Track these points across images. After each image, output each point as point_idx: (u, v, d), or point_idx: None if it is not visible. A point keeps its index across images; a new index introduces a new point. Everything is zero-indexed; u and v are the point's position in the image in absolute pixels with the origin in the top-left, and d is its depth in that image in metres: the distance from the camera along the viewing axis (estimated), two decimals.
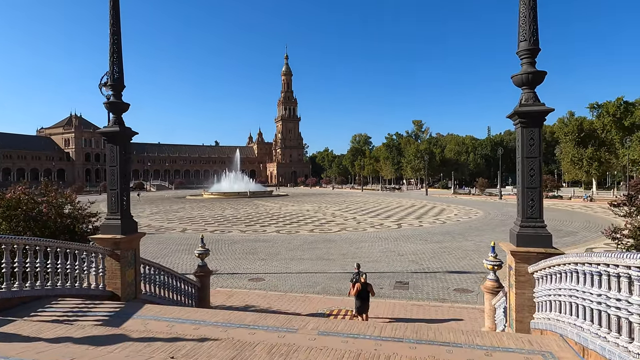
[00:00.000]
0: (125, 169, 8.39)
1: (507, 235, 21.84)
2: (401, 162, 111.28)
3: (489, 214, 38.77)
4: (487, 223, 32.18)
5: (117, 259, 8.07)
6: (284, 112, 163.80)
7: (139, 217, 39.89)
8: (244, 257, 19.92)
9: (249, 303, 12.54)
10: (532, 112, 6.09)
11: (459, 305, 12.18)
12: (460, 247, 21.91)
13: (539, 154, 6.15)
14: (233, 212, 43.73)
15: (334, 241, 24.27)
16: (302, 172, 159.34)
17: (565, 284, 4.74)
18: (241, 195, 76.43)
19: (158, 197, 78.09)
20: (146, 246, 23.36)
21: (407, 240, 24.41)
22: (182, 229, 30.71)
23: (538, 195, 6.18)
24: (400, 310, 11.73)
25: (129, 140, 8.70)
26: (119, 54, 8.42)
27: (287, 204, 56.87)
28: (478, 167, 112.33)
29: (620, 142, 67.39)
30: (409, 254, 20.23)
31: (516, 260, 6.18)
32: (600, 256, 3.73)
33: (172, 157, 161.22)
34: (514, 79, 6.39)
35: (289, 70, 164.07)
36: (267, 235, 27.18)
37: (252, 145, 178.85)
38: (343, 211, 43.69)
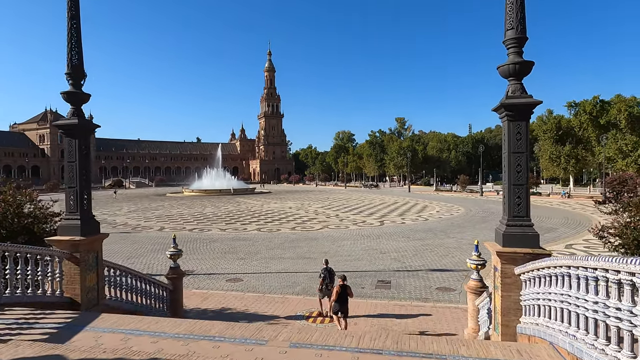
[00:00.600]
0: (85, 165, 7.74)
1: (489, 232, 21.93)
2: (384, 159, 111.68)
3: (470, 211, 38.99)
4: (468, 220, 32.28)
5: (76, 263, 7.44)
6: (267, 109, 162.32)
7: (115, 215, 38.73)
8: (223, 257, 19.30)
9: (225, 305, 12.00)
10: (519, 105, 5.75)
11: (441, 305, 11.91)
12: (442, 244, 21.78)
13: (526, 149, 5.83)
14: (214, 210, 42.84)
15: (315, 239, 23.84)
16: (285, 169, 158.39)
17: (556, 288, 4.41)
18: (223, 193, 75.26)
19: (137, 195, 76.24)
20: (121, 246, 22.55)
21: (390, 237, 24.18)
22: (160, 227, 29.79)
23: (525, 193, 5.86)
24: (382, 310, 11.38)
25: (89, 134, 8.05)
26: (78, 40, 7.74)
27: (269, 201, 56.17)
28: (459, 164, 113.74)
29: (596, 139, 68.97)
30: (391, 251, 19.96)
31: (502, 261, 5.85)
32: (598, 260, 3.38)
33: (152, 153, 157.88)
34: (500, 69, 6.03)
35: (271, 67, 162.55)
36: (248, 233, 26.56)
37: (234, 142, 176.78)
38: (326, 208, 43.31)
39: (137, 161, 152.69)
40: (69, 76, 7.73)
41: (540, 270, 4.93)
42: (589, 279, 3.63)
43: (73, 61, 7.68)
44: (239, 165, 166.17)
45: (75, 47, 7.70)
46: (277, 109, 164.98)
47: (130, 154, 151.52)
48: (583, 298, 3.72)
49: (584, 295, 3.72)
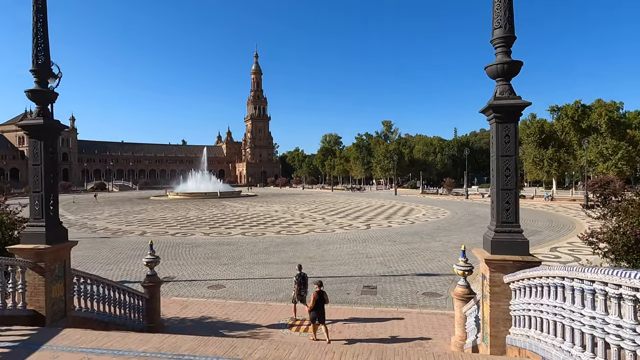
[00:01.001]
0: (51, 168, 7.25)
1: (475, 235, 21.79)
2: (371, 162, 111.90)
3: (456, 214, 39.10)
4: (454, 223, 32.31)
5: (40, 273, 6.94)
6: (254, 111, 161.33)
7: (95, 219, 37.70)
8: (205, 262, 18.77)
9: (206, 314, 11.54)
10: (508, 106, 5.53)
11: (428, 311, 11.67)
12: (429, 248, 21.64)
13: (515, 152, 5.61)
14: (198, 214, 42.08)
15: (301, 243, 23.46)
16: (272, 172, 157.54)
17: (549, 299, 4.16)
18: (208, 196, 74.25)
19: (119, 198, 74.63)
20: (99, 251, 21.83)
21: (376, 241, 23.95)
22: (141, 232, 29.02)
23: (514, 198, 5.63)
24: (368, 320, 11.07)
25: (56, 135, 7.56)
26: (45, 35, 7.29)
27: (255, 204, 55.55)
28: (445, 167, 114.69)
29: (578, 143, 70.29)
30: (377, 255, 19.72)
31: (491, 269, 5.61)
32: (596, 272, 3.14)
33: (136, 156, 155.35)
34: (488, 69, 5.81)
35: (258, 69, 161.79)
36: (232, 237, 26.03)
37: (220, 145, 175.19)
38: (312, 212, 42.95)
39: (120, 164, 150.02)
40: (35, 73, 7.27)
41: (531, 279, 4.69)
42: (585, 291, 3.39)
43: (39, 57, 7.23)
44: (225, 168, 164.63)
45: (41, 43, 7.25)
46: (263, 111, 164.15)
47: (113, 156, 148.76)
48: (579, 312, 3.47)
49: (579, 309, 3.47)
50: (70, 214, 44.11)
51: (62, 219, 33.36)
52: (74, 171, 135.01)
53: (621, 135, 67.90)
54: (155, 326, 10.19)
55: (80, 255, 20.82)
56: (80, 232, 29.71)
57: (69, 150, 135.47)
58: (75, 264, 18.60)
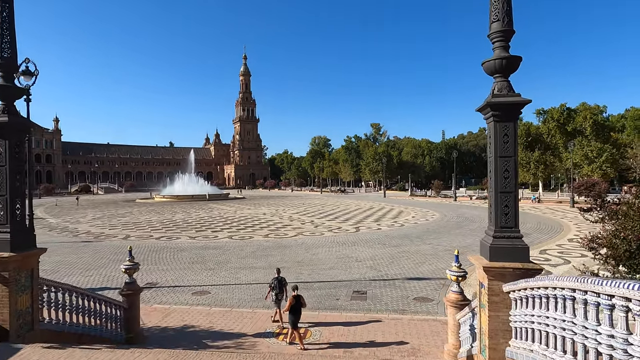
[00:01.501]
0: (18, 169, 6.73)
1: (464, 237, 21.57)
2: (360, 165, 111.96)
3: (445, 216, 39.06)
4: (443, 225, 32.19)
5: (4, 283, 6.40)
6: (242, 113, 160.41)
7: (77, 223, 36.67)
8: (190, 267, 18.19)
9: (188, 323, 11.02)
10: (507, 104, 5.22)
11: (419, 317, 11.33)
12: (419, 251, 21.39)
13: (515, 153, 5.30)
14: (184, 217, 41.27)
15: (289, 247, 23.01)
16: (260, 175, 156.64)
17: (557, 313, 3.83)
18: (195, 199, 73.26)
19: (104, 201, 73.12)
20: (79, 256, 21.09)
21: (365, 244, 23.63)
22: (125, 235, 28.21)
23: (513, 201, 5.32)
24: (357, 326, 10.70)
25: (24, 134, 7.04)
26: (11, 28, 6.76)
27: (243, 207, 54.86)
28: (434, 170, 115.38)
29: (563, 146, 71.24)
30: (367, 259, 19.38)
31: (489, 277, 5.27)
32: (617, 286, 2.80)
33: (122, 158, 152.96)
34: (485, 65, 5.49)
35: (247, 71, 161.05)
36: (218, 241, 25.43)
37: (209, 147, 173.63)
38: (301, 214, 42.50)
39: (106, 166, 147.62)
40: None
41: (535, 290, 4.36)
42: (602, 305, 3.06)
43: (4, 50, 6.68)
44: (213, 170, 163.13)
45: (7, 35, 6.71)
46: (252, 113, 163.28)
47: (99, 158, 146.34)
48: (594, 329, 3.14)
49: (595, 326, 3.14)
50: (52, 217, 42.89)
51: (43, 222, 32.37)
52: (57, 173, 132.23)
53: (605, 138, 69.07)
54: (135, 336, 9.66)
55: (60, 260, 20.09)
56: (61, 236, 28.79)
57: (53, 152, 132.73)
58: (54, 270, 17.94)
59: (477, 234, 27.07)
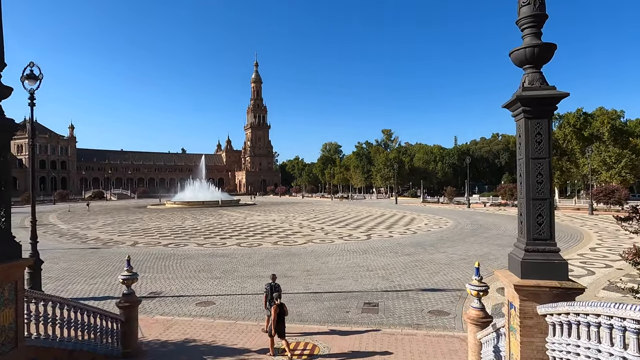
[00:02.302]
0: (2, 174, 6.26)
1: (480, 246, 20.50)
2: (371, 171, 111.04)
3: (459, 223, 38.01)
4: (458, 233, 31.22)
5: None
6: (254, 120, 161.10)
7: (88, 229, 36.61)
8: (196, 276, 17.68)
9: (190, 336, 10.45)
10: (541, 98, 4.56)
11: (435, 333, 10.57)
12: (433, 260, 20.56)
13: (549, 154, 4.62)
14: (193, 223, 40.98)
15: (298, 255, 22.38)
16: (271, 181, 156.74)
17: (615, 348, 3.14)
18: (206, 205, 73.24)
19: (116, 207, 73.55)
20: (86, 263, 20.78)
21: (377, 252, 22.87)
22: (133, 242, 27.91)
23: (548, 209, 4.63)
24: (369, 342, 10.00)
25: (9, 136, 6.57)
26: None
27: (253, 213, 54.47)
28: (446, 176, 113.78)
29: (580, 151, 69.38)
30: (378, 268, 18.64)
31: (521, 297, 4.58)
32: None
33: (135, 164, 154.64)
34: (514, 55, 4.85)
35: (258, 78, 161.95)
36: (226, 248, 24.93)
37: (220, 153, 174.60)
38: (311, 221, 41.87)
39: (120, 172, 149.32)
40: None
41: (580, 316, 3.67)
42: None
43: None
44: (224, 177, 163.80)
45: None
46: (263, 120, 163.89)
47: (113, 164, 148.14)
48: None
49: None
50: (63, 223, 43.02)
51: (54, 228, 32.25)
52: (72, 179, 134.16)
53: (624, 143, 67.07)
54: (132, 351, 9.14)
55: (66, 267, 19.82)
56: (70, 242, 28.66)
57: (68, 159, 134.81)
58: (59, 277, 17.61)
59: (493, 242, 26.10)
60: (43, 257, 22.40)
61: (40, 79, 14.07)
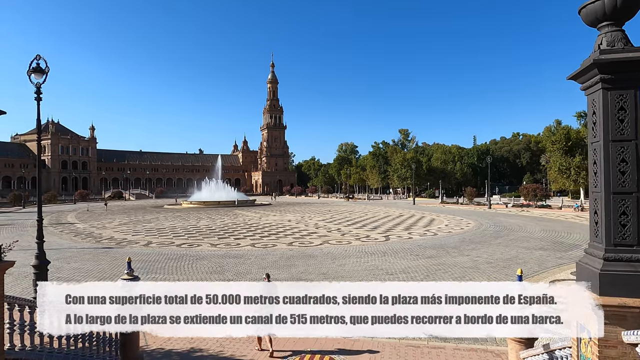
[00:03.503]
0: None
1: (507, 249, 18.98)
2: (388, 171, 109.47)
3: (482, 225, 36.50)
4: (481, 235, 29.83)
5: None
6: (270, 120, 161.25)
7: (103, 228, 36.57)
8: (207, 278, 16.98)
9: (196, 345, 9.66)
10: (626, 63, 3.52)
11: (465, 346, 9.51)
12: (457, 263, 19.37)
13: (635, 135, 3.59)
14: (208, 223, 40.55)
15: (314, 257, 21.49)
16: (287, 181, 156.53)
17: None
18: (222, 205, 73.15)
19: (134, 207, 74.16)
20: (96, 264, 20.35)
21: (396, 255, 21.79)
22: (147, 242, 27.51)
23: (636, 206, 3.59)
24: (391, 355, 9.03)
25: None
26: None
27: (268, 213, 53.90)
28: (465, 176, 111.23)
29: None
30: (398, 272, 17.59)
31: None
32: None
33: (154, 165, 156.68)
34: (587, 10, 3.82)
35: (274, 78, 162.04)
36: (240, 249, 24.23)
37: (237, 154, 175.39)
38: (327, 222, 40.95)
39: (138, 172, 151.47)
40: None
41: None
42: None
43: None
44: (241, 177, 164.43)
45: None
46: (279, 120, 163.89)
47: (131, 165, 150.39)
48: None
49: None
50: (80, 222, 43.22)
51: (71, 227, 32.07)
52: (93, 180, 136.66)
53: None
54: None
55: (77, 267, 19.42)
56: (84, 241, 28.47)
57: (88, 159, 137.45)
58: (68, 278, 17.10)
59: (519, 244, 24.69)
60: (56, 256, 22.25)
61: (47, 72, 13.61)
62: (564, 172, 72.30)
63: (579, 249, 23.01)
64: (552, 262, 19.35)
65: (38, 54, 13.53)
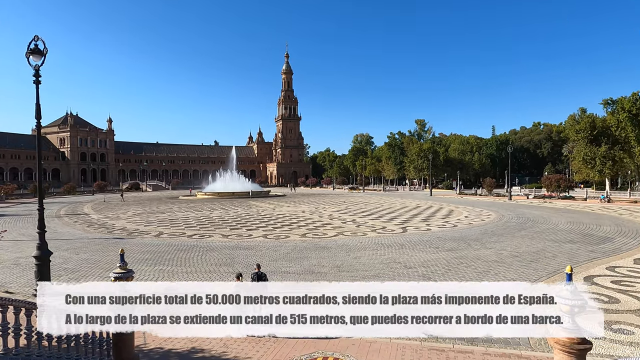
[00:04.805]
0: None
1: (532, 241, 17.62)
2: (404, 162, 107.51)
3: (503, 216, 34.99)
4: (503, 227, 28.44)
5: None
6: (284, 112, 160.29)
7: (117, 219, 36.44)
8: (216, 270, 16.26)
9: (198, 344, 8.89)
10: None
11: (496, 350, 8.48)
12: (479, 256, 18.21)
13: None
14: (221, 214, 40.06)
15: (328, 249, 20.60)
16: (302, 172, 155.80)
17: None
18: (236, 196, 72.91)
19: (150, 198, 74.58)
20: (105, 254, 19.88)
21: (414, 247, 20.73)
22: (158, 233, 27.06)
23: None
24: (413, 359, 8.07)
25: None
26: None
27: (282, 204, 53.23)
28: (483, 167, 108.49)
29: (635, 139, 63.49)
30: (417, 265, 16.55)
31: None
32: None
33: (170, 156, 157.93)
34: None
35: (289, 69, 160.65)
36: (252, 241, 23.51)
37: (252, 145, 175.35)
38: (342, 213, 40.00)
39: (155, 164, 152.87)
40: None
41: None
42: None
43: None
44: (256, 168, 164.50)
45: None
46: (294, 111, 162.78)
47: (148, 157, 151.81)
48: None
49: None
50: (95, 212, 43.33)
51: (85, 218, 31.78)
52: (110, 171, 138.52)
53: None
54: None
55: (86, 258, 18.97)
56: (97, 232, 28.22)
57: (107, 151, 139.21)
58: (75, 269, 16.57)
59: (546, 237, 23.30)
60: (66, 246, 21.96)
61: (45, 53, 12.92)
62: (588, 163, 69.42)
63: (612, 242, 21.54)
64: (584, 255, 17.99)
65: (36, 34, 12.81)
